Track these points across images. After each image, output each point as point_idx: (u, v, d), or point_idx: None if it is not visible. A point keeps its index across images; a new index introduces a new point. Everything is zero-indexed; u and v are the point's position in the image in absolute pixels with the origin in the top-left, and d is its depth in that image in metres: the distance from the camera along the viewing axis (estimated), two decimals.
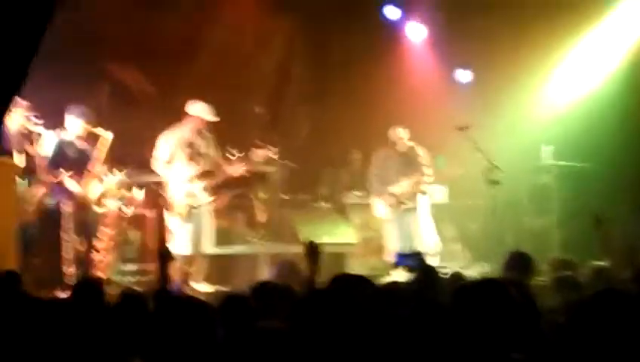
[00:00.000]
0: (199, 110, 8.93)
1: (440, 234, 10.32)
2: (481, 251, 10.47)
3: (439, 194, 10.94)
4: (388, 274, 9.34)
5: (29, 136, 8.21)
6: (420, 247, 9.55)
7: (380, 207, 10.05)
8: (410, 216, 9.94)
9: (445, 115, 10.96)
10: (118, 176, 8.77)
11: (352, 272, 9.86)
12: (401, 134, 10.04)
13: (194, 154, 8.94)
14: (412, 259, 5.15)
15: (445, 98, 11.93)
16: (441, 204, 10.89)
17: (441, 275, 6.40)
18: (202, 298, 6.20)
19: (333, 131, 11.90)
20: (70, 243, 8.09)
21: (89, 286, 5.69)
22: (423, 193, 10.05)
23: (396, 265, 5.22)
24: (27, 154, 8.10)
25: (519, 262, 6.44)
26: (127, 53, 11.27)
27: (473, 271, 9.67)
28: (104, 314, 4.83)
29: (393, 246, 9.71)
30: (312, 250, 5.68)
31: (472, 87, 12.26)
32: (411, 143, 10.04)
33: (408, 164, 10.03)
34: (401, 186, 9.94)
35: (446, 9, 11.79)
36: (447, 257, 10.51)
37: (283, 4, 12.33)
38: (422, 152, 10.07)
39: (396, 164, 10.03)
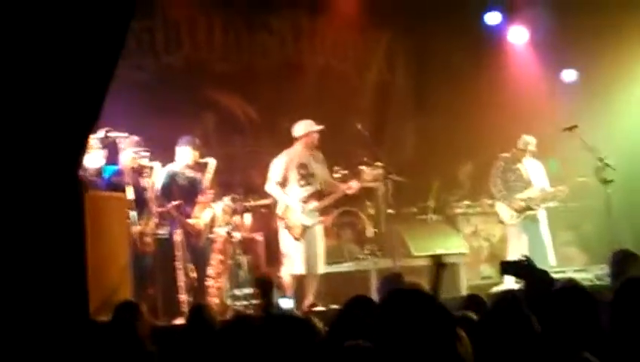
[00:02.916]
0: (303, 127, 8.99)
1: (555, 238, 10.14)
2: (598, 253, 10.18)
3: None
4: (500, 282, 9.29)
5: (140, 170, 8.43)
6: (544, 257, 9.46)
7: (504, 212, 9.91)
8: (533, 224, 9.82)
9: (553, 117, 10.78)
10: (226, 202, 8.92)
11: (466, 282, 9.99)
12: (530, 142, 9.92)
13: (306, 175, 9.02)
14: (518, 267, 5.07)
15: (552, 99, 11.74)
16: (555, 207, 10.69)
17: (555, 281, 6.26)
18: (315, 317, 6.28)
19: (438, 142, 11.82)
20: (183, 271, 8.27)
21: (202, 313, 5.83)
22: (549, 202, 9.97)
23: (502, 273, 5.16)
24: (139, 188, 8.33)
25: (625, 261, 6.25)
26: (230, 80, 11.55)
27: (590, 274, 9.47)
28: (216, 338, 4.94)
29: (515, 252, 9.53)
30: (439, 264, 5.63)
31: (578, 86, 12.00)
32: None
33: (530, 174, 9.95)
34: (529, 193, 9.83)
35: (549, 10, 11.57)
36: (564, 261, 10.33)
37: (381, 18, 12.40)
38: (542, 167, 10.03)
39: (519, 171, 9.93)
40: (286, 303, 5.75)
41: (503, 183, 9.90)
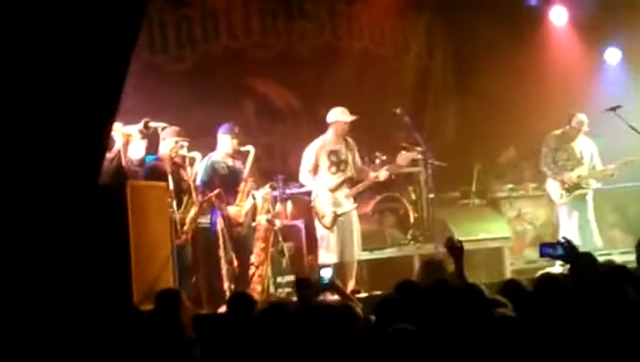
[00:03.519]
0: (336, 115, 9.00)
1: (601, 220, 10.03)
2: None
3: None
4: (549, 265, 9.17)
5: (181, 160, 8.46)
6: (591, 238, 9.37)
7: (554, 191, 9.87)
8: (582, 204, 9.78)
9: (596, 97, 10.64)
10: (267, 190, 8.92)
11: (509, 266, 9.92)
12: (584, 121, 9.82)
13: (337, 162, 9.02)
14: (557, 249, 5.01)
15: (594, 80, 11.59)
16: (600, 189, 10.55)
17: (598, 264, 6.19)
18: (357, 303, 6.27)
19: (479, 125, 11.70)
20: (226, 259, 8.28)
21: (242, 300, 5.86)
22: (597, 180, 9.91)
23: (541, 255, 5.11)
24: (179, 177, 8.35)
25: None
26: (269, 67, 11.55)
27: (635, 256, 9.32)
28: (253, 325, 4.96)
29: (566, 232, 9.46)
30: (453, 246, 5.63)
31: (620, 65, 11.83)
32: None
33: (582, 153, 9.86)
34: (579, 172, 9.77)
35: None
36: (609, 243, 10.20)
37: (419, 3, 12.34)
38: (594, 147, 9.91)
39: (571, 148, 9.86)
40: (327, 273, 5.80)
41: (554, 162, 9.83)
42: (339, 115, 9.00)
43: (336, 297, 7.42)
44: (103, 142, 4.25)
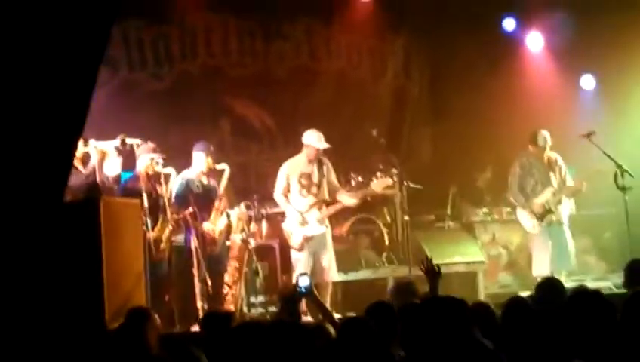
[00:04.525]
0: (311, 139, 8.94)
1: (574, 246, 10.03)
2: (616, 261, 10.06)
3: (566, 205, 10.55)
4: (520, 290, 9.18)
5: (156, 177, 8.42)
6: (567, 262, 9.32)
7: (525, 221, 9.60)
8: (557, 228, 9.50)
9: (571, 123, 10.70)
10: (242, 209, 8.89)
11: (483, 290, 9.93)
12: (546, 137, 9.61)
13: (308, 185, 8.97)
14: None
15: (569, 106, 11.66)
16: (573, 215, 10.56)
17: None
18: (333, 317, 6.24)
19: (455, 148, 11.75)
20: (200, 278, 8.22)
21: (216, 320, 5.80)
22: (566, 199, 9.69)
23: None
24: (154, 194, 8.30)
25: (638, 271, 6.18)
26: (246, 87, 11.57)
27: (609, 283, 9.37)
28: (223, 344, 4.91)
29: (541, 260, 9.41)
30: (430, 270, 5.73)
31: (595, 92, 11.92)
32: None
33: (550, 171, 9.63)
34: (545, 196, 9.50)
35: (565, 15, 11.51)
36: (582, 269, 10.20)
37: (396, 24, 12.40)
38: (561, 160, 9.70)
39: (539, 172, 9.62)
40: (304, 281, 5.84)
41: (521, 190, 9.59)
42: (313, 141, 8.93)
43: (309, 318, 7.44)
44: (70, 158, 4.19)
